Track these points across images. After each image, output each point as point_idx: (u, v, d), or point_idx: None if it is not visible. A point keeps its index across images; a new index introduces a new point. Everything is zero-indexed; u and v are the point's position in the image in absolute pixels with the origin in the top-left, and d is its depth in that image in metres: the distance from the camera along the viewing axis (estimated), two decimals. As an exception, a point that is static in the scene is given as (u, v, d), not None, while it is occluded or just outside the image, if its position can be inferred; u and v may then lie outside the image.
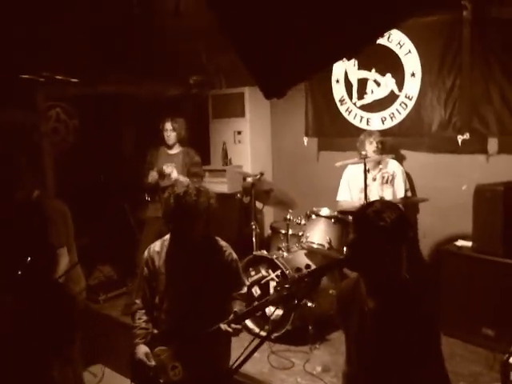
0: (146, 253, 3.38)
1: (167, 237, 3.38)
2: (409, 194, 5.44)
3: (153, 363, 3.12)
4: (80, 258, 4.27)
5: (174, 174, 5.53)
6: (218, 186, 6.49)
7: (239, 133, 7.02)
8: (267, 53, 2.18)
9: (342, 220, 4.99)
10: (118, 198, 6.42)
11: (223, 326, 2.97)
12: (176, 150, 5.78)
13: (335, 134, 6.29)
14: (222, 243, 3.34)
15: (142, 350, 3.18)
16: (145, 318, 3.32)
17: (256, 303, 3.00)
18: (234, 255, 3.34)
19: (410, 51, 5.41)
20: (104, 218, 6.27)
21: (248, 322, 4.88)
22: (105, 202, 6.39)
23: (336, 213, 5.05)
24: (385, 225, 2.18)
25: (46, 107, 6.72)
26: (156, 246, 3.38)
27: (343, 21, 2.07)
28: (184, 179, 5.40)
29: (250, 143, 6.99)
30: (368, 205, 2.35)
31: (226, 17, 2.16)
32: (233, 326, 2.97)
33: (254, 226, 5.47)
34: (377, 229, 2.19)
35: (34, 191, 3.93)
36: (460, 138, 5.22)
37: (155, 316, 3.32)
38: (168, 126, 5.71)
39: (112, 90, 6.68)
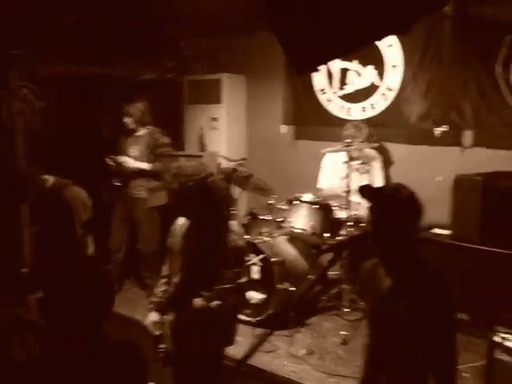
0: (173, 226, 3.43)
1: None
2: (387, 183, 5.57)
3: (157, 332, 3.21)
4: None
5: (129, 162, 5.57)
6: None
7: (215, 119, 7.03)
8: (303, 31, 2.24)
9: (325, 206, 5.08)
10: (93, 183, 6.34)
11: (197, 301, 2.97)
12: (141, 132, 5.75)
13: (314, 122, 6.39)
14: (233, 229, 3.32)
15: (151, 317, 3.32)
16: (164, 287, 3.43)
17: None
18: (240, 243, 3.30)
19: (392, 43, 5.55)
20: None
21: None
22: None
23: (319, 199, 5.12)
24: (401, 197, 2.31)
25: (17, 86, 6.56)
26: (180, 220, 3.41)
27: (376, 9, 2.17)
28: (142, 164, 5.55)
29: (225, 130, 7.01)
30: (384, 185, 2.49)
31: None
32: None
33: (234, 212, 5.50)
34: (395, 200, 2.31)
35: (46, 179, 3.81)
36: (438, 131, 5.39)
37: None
38: (125, 111, 5.73)
39: (86, 71, 6.57)
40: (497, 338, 3.22)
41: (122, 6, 6.10)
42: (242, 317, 4.75)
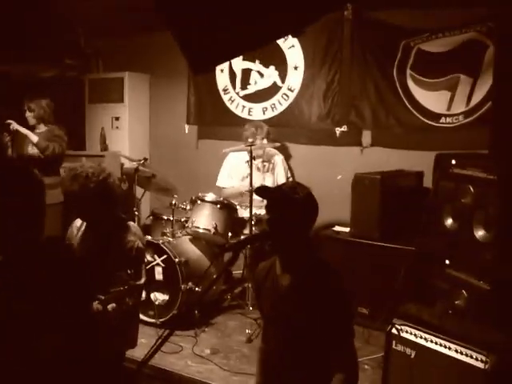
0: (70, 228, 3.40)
1: None
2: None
3: None
4: None
5: (15, 124, 5.46)
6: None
7: (117, 118, 6.90)
8: (199, 31, 2.23)
9: (228, 205, 5.08)
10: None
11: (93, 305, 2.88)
12: (41, 129, 5.59)
13: (217, 122, 6.40)
14: (131, 229, 3.27)
15: None
16: None
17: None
18: (138, 244, 3.25)
19: (293, 45, 5.64)
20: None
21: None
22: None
23: (222, 198, 5.12)
24: (298, 197, 2.35)
25: None
26: (78, 221, 3.37)
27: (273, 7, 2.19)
28: (28, 132, 5.41)
29: (128, 129, 6.90)
30: (281, 185, 2.53)
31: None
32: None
33: (136, 213, 5.41)
34: (292, 201, 2.34)
35: None
36: (338, 131, 5.53)
37: None
38: (25, 106, 5.59)
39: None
40: (394, 330, 3.31)
41: (21, 3, 5.88)
42: (145, 318, 4.68)
